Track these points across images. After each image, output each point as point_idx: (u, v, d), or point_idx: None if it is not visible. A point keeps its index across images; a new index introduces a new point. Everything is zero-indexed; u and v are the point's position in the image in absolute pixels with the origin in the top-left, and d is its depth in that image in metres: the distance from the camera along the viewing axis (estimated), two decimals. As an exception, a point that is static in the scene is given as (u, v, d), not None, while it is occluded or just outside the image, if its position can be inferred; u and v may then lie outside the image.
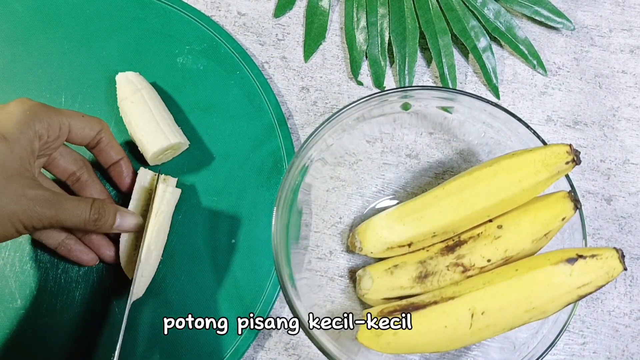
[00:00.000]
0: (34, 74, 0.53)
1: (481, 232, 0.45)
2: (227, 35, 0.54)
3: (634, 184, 0.54)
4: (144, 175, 0.49)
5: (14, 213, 0.39)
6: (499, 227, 0.44)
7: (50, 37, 0.54)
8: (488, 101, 0.46)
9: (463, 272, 0.44)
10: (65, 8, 0.54)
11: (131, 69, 0.52)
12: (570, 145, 0.42)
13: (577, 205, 0.43)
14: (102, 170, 0.50)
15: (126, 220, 0.46)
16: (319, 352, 0.42)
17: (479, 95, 0.48)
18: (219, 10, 0.57)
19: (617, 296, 0.51)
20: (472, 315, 0.41)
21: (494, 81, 0.55)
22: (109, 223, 0.44)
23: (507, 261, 0.44)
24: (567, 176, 0.45)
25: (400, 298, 0.45)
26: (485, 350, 0.48)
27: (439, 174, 0.53)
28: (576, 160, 0.42)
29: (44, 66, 0.53)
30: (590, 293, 0.40)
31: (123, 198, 0.50)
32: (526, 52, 0.56)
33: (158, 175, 0.49)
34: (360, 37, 0.56)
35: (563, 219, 0.43)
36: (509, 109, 0.53)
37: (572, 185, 0.45)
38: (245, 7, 0.57)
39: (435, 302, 0.42)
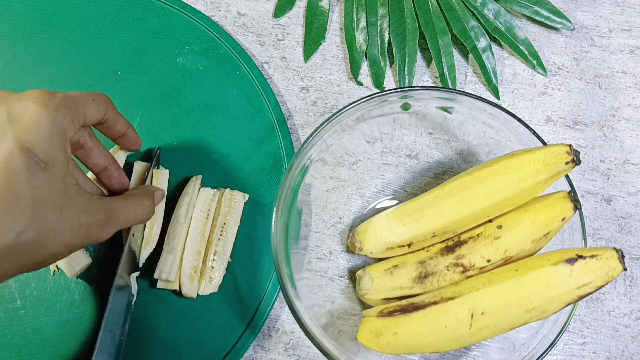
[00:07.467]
0: (34, 74, 0.53)
1: (481, 233, 0.45)
2: (227, 35, 0.54)
3: (633, 184, 0.54)
4: (204, 192, 0.49)
5: (74, 245, 0.36)
6: (499, 227, 0.44)
7: (50, 37, 0.54)
8: (488, 101, 0.46)
9: (463, 272, 0.44)
10: (65, 8, 0.54)
11: (131, 69, 0.52)
12: (570, 146, 0.42)
13: (576, 205, 0.43)
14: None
15: (158, 199, 0.46)
16: (319, 352, 0.42)
17: (478, 95, 0.48)
18: (219, 11, 0.57)
19: (616, 296, 0.51)
20: (472, 316, 0.41)
21: (494, 81, 0.55)
22: (152, 210, 0.45)
23: (507, 261, 0.44)
24: (567, 176, 0.45)
25: (400, 298, 0.45)
26: (485, 350, 0.48)
27: (439, 174, 0.53)
28: (576, 161, 0.42)
29: (44, 66, 0.53)
30: (590, 293, 0.40)
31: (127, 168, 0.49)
32: (526, 52, 0.56)
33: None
34: (360, 37, 0.56)
35: (563, 219, 0.43)
36: (509, 109, 0.53)
37: (572, 186, 0.45)
38: (245, 7, 0.57)
39: (435, 303, 0.42)
